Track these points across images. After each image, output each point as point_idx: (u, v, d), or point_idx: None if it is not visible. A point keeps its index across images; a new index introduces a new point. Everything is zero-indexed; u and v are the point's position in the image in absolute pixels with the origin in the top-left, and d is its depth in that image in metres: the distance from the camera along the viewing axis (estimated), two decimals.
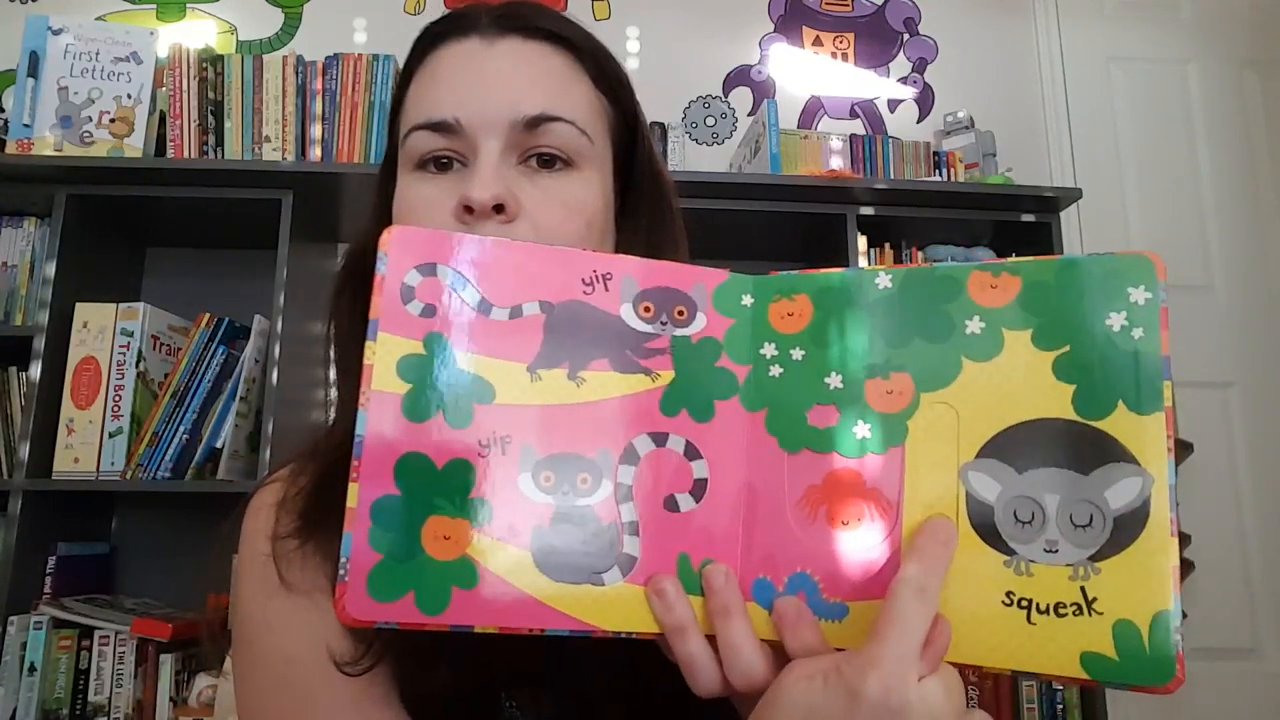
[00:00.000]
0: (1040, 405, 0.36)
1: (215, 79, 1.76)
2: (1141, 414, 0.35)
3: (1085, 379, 0.36)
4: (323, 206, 1.75)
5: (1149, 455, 0.35)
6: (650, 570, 0.38)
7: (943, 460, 0.37)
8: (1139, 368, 0.36)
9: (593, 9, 2.18)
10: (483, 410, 0.38)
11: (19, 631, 1.45)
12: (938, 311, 0.39)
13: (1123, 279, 0.37)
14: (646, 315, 0.41)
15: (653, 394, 0.40)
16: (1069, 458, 0.36)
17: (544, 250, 0.41)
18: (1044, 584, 0.35)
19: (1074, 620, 0.35)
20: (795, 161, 1.95)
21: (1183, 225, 2.21)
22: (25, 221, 1.75)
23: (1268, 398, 2.14)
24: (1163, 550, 0.34)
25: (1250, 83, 2.32)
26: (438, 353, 0.38)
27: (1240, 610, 2.04)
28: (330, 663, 0.47)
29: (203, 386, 1.59)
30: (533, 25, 0.53)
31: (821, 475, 0.38)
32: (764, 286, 0.42)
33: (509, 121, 0.50)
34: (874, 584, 0.37)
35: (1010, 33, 2.29)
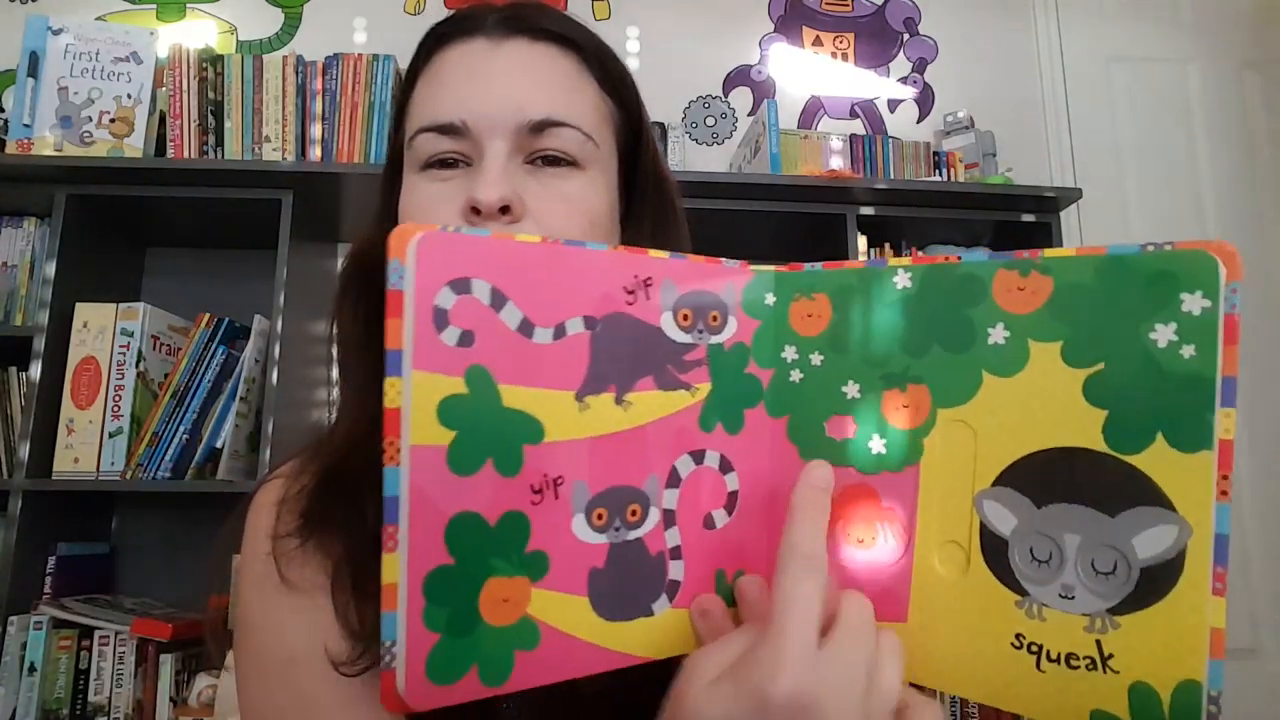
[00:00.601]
0: (1066, 431, 0.32)
1: (215, 79, 1.76)
2: (1184, 451, 0.30)
3: (1120, 404, 0.31)
4: (323, 206, 1.76)
5: (1189, 501, 0.30)
6: (692, 591, 0.37)
7: (958, 484, 0.34)
8: (1186, 395, 0.30)
9: (593, 9, 2.18)
10: (532, 451, 0.34)
11: (19, 631, 1.45)
12: (959, 316, 0.35)
13: (1176, 282, 0.32)
14: (685, 324, 0.38)
15: (692, 410, 0.38)
16: (1094, 495, 0.32)
17: (587, 254, 0.36)
18: (1056, 631, 0.32)
19: (1086, 675, 0.31)
20: (795, 161, 1.95)
21: (1183, 225, 2.21)
22: (25, 221, 1.75)
23: (1268, 398, 2.14)
24: (1196, 611, 0.30)
25: (1250, 82, 2.32)
26: (481, 390, 0.32)
27: (1240, 610, 2.04)
28: (329, 662, 0.47)
29: (203, 386, 1.59)
30: (539, 27, 0.53)
31: (838, 489, 0.37)
32: (785, 284, 0.40)
33: (515, 124, 0.51)
34: (886, 605, 0.36)
35: (1010, 33, 2.29)
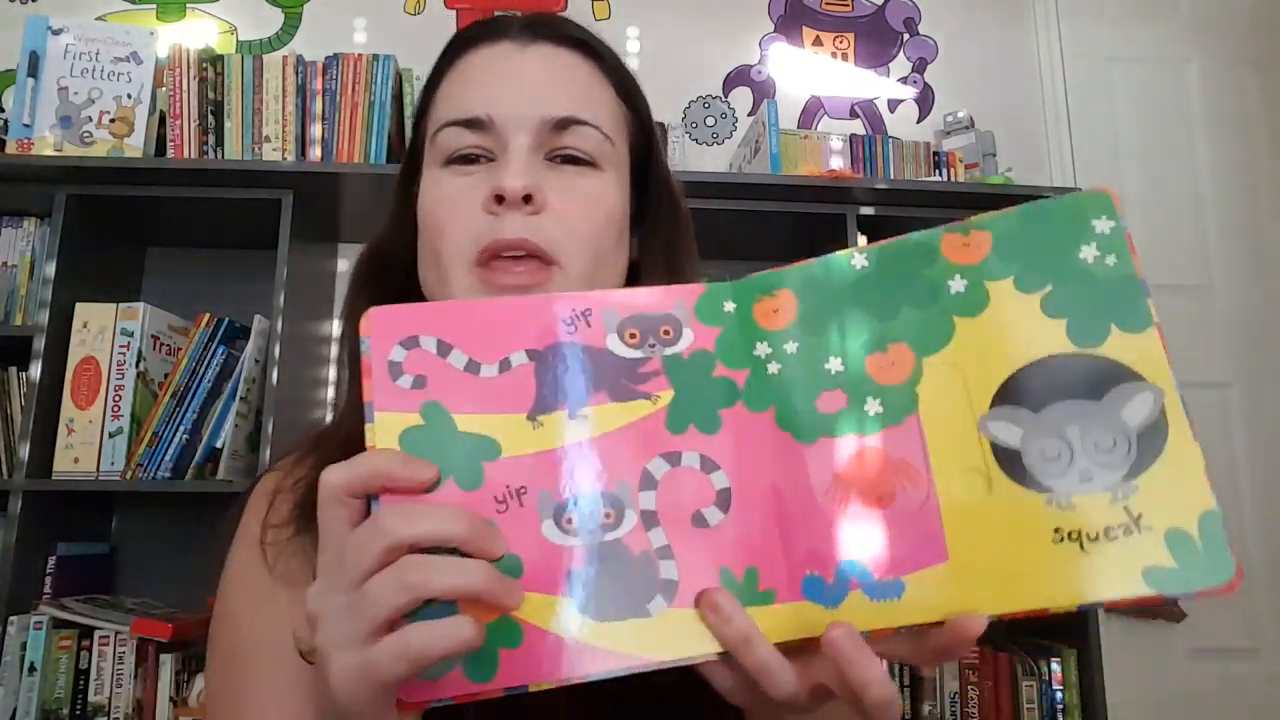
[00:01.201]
0: (1039, 344, 0.37)
1: (215, 79, 1.76)
2: (1135, 333, 0.37)
3: (1074, 311, 0.37)
4: (323, 206, 1.76)
5: (1153, 370, 0.36)
6: (692, 590, 0.38)
7: (959, 417, 0.37)
8: (1121, 291, 0.37)
9: (593, 9, 2.18)
10: (491, 467, 0.37)
11: (19, 631, 1.45)
12: (919, 278, 0.39)
13: (1085, 214, 0.39)
14: (633, 341, 0.41)
15: (656, 416, 0.40)
16: (1079, 387, 0.36)
17: (519, 301, 0.41)
18: (1088, 513, 0.35)
19: (1126, 540, 0.35)
20: (795, 161, 1.95)
21: (1182, 225, 2.21)
22: (25, 221, 1.75)
23: (1267, 398, 2.14)
24: (1191, 455, 0.35)
25: (1250, 82, 2.32)
26: (436, 420, 0.37)
27: (1240, 610, 2.04)
28: (294, 650, 0.48)
29: (203, 386, 1.59)
30: (562, 34, 0.56)
31: (844, 459, 0.38)
32: (743, 290, 0.42)
33: (539, 120, 0.53)
34: (923, 552, 0.37)
35: (1010, 33, 2.29)
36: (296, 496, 0.54)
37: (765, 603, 0.38)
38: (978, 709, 1.65)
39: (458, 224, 0.52)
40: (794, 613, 0.38)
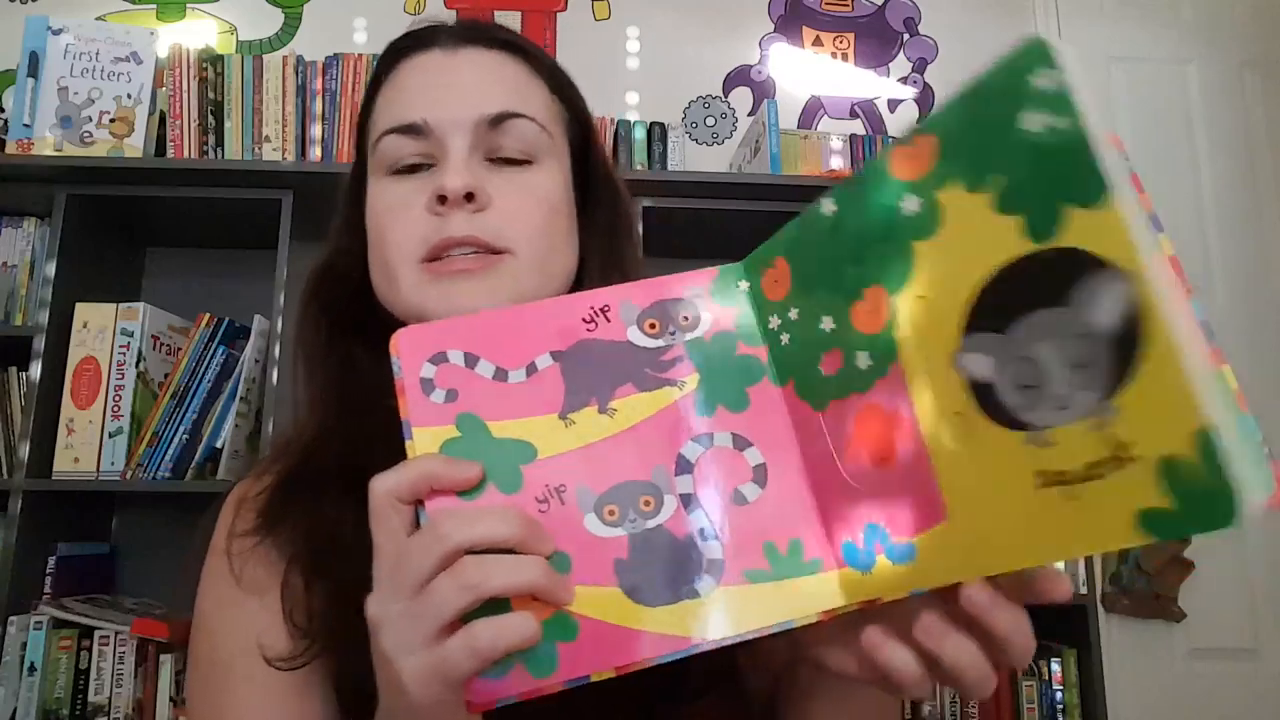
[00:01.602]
0: (997, 251, 0.31)
1: (215, 79, 1.76)
2: (1091, 206, 0.30)
3: (1027, 200, 0.31)
4: (323, 206, 1.73)
5: (1115, 246, 0.29)
6: (739, 566, 0.38)
7: (935, 355, 0.34)
8: (1070, 157, 0.30)
9: (593, 9, 2.18)
10: (530, 469, 0.38)
11: (19, 631, 1.45)
12: (875, 206, 0.36)
13: (1019, 73, 0.31)
14: (653, 331, 0.42)
15: (685, 401, 0.41)
16: (1043, 294, 0.30)
17: (539, 306, 0.42)
18: (1068, 448, 0.29)
19: (1115, 477, 0.28)
20: (795, 161, 1.95)
21: (1183, 225, 2.21)
22: (25, 221, 1.75)
23: (1267, 398, 2.13)
24: (1174, 354, 0.28)
25: (1250, 83, 2.32)
26: (472, 430, 0.39)
27: (1240, 610, 2.04)
28: (261, 659, 0.49)
29: (203, 386, 1.59)
30: (490, 37, 0.58)
31: (851, 420, 0.38)
32: (752, 266, 0.43)
33: (474, 120, 0.54)
34: (925, 511, 0.34)
35: (1010, 33, 2.28)
36: (260, 504, 0.54)
37: (814, 572, 0.38)
38: (978, 709, 1.65)
39: (403, 227, 0.53)
40: (842, 579, 0.38)
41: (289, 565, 0.52)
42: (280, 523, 0.53)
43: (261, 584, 0.52)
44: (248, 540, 0.53)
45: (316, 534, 0.52)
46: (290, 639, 0.50)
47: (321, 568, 0.51)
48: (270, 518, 0.53)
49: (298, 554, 0.52)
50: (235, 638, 0.52)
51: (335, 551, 0.50)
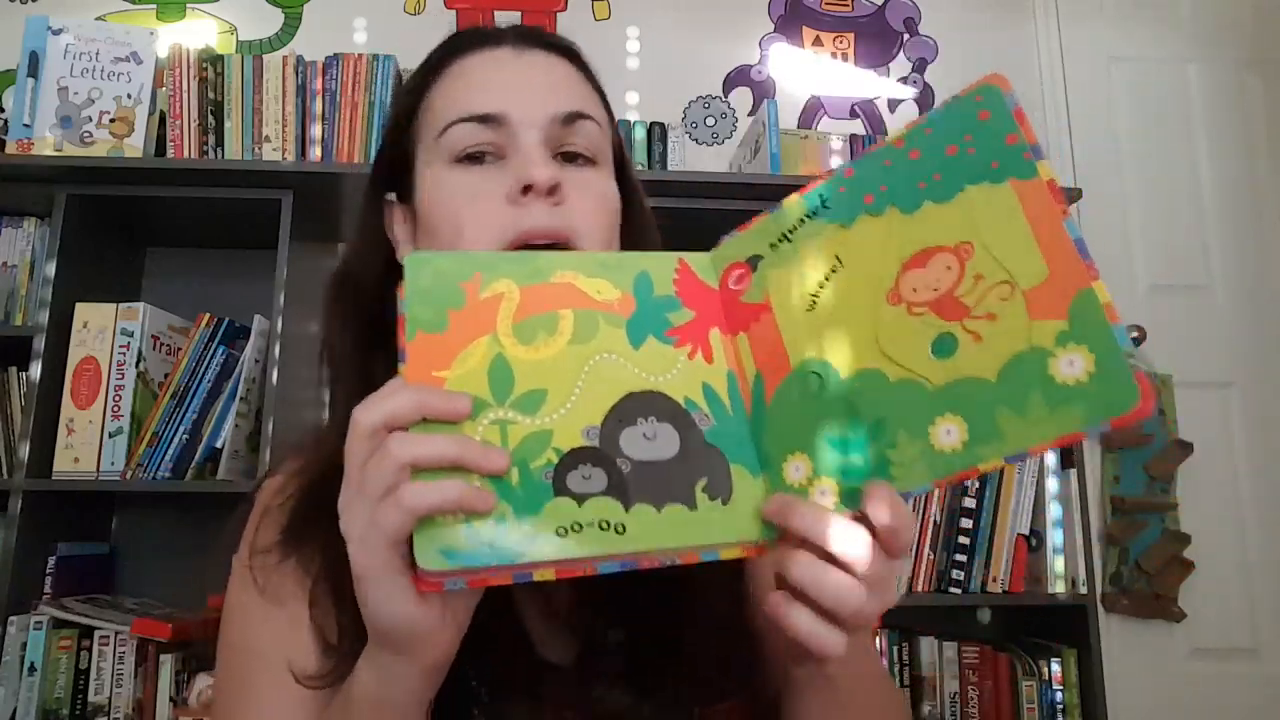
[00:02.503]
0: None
1: (215, 79, 1.76)
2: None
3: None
4: (323, 206, 1.75)
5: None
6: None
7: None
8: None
9: (593, 9, 2.18)
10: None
11: (19, 631, 1.45)
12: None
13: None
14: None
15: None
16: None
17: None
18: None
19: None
20: (795, 161, 1.94)
21: (1183, 225, 2.21)
22: (25, 221, 1.75)
23: (1268, 398, 2.13)
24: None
25: (1250, 83, 2.32)
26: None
27: (1240, 610, 2.04)
28: (286, 670, 0.50)
29: (203, 386, 1.59)
30: (553, 43, 0.60)
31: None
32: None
33: (549, 116, 0.55)
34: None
35: (1010, 33, 2.29)
36: (282, 520, 0.56)
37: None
38: (978, 709, 1.65)
39: (480, 217, 0.53)
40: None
41: (315, 583, 0.53)
42: (302, 541, 0.54)
43: (283, 597, 0.53)
44: (271, 556, 0.54)
45: (336, 553, 0.51)
46: (321, 657, 0.51)
47: (344, 587, 0.50)
48: (292, 534, 0.55)
49: (321, 574, 0.53)
50: (262, 646, 0.53)
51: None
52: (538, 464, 0.39)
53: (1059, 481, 1.68)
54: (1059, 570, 1.65)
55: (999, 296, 0.37)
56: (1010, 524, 1.65)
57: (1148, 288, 2.16)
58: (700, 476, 0.41)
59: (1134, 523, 1.99)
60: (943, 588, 1.62)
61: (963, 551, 1.63)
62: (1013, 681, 1.65)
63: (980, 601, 1.65)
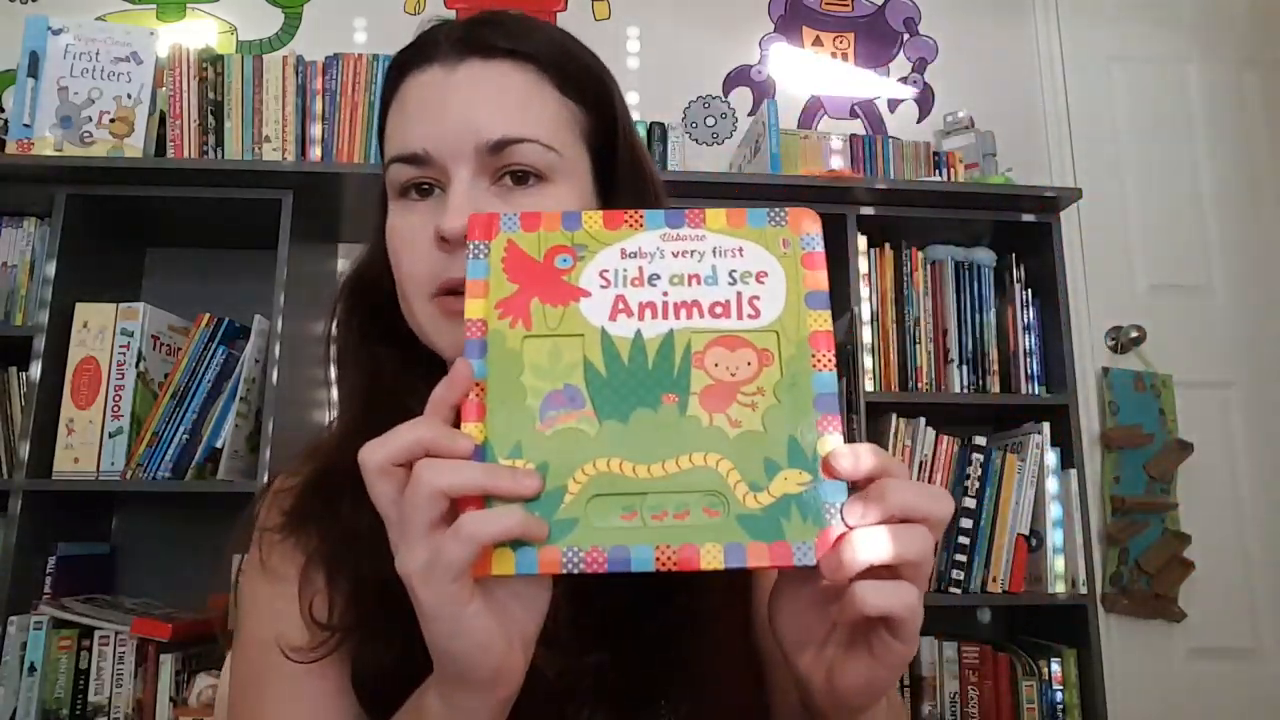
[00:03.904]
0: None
1: (215, 79, 1.76)
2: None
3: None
4: (323, 206, 1.75)
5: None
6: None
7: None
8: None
9: (593, 9, 2.18)
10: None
11: (19, 631, 1.45)
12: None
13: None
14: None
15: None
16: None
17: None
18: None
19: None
20: (795, 161, 1.95)
21: (1183, 225, 2.21)
22: (25, 221, 1.75)
23: (1268, 398, 2.13)
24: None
25: (1250, 83, 2.32)
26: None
27: (1240, 610, 2.04)
28: (297, 648, 0.52)
29: (203, 386, 1.59)
30: (490, 44, 0.55)
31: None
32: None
33: (473, 147, 0.53)
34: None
35: (1010, 33, 2.29)
36: (288, 503, 0.58)
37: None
38: (978, 709, 1.65)
39: (413, 260, 0.55)
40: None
41: (308, 561, 0.54)
42: (304, 523, 0.56)
43: (283, 574, 0.55)
44: (275, 535, 0.56)
45: (335, 533, 0.54)
46: (306, 631, 0.52)
47: (339, 564, 0.53)
48: (295, 517, 0.56)
49: (316, 551, 0.55)
50: (260, 623, 0.55)
51: (352, 549, 0.53)
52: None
53: (1059, 481, 1.68)
54: (1059, 570, 1.65)
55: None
56: (1010, 524, 1.65)
57: (1148, 288, 2.16)
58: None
59: (1134, 523, 1.99)
60: (943, 588, 1.62)
61: (963, 551, 1.63)
62: (1013, 681, 1.65)
63: (980, 601, 1.65)
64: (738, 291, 0.42)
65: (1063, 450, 1.70)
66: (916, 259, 1.82)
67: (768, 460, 0.39)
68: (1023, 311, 1.81)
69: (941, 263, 1.83)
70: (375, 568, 0.52)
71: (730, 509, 0.38)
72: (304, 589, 0.53)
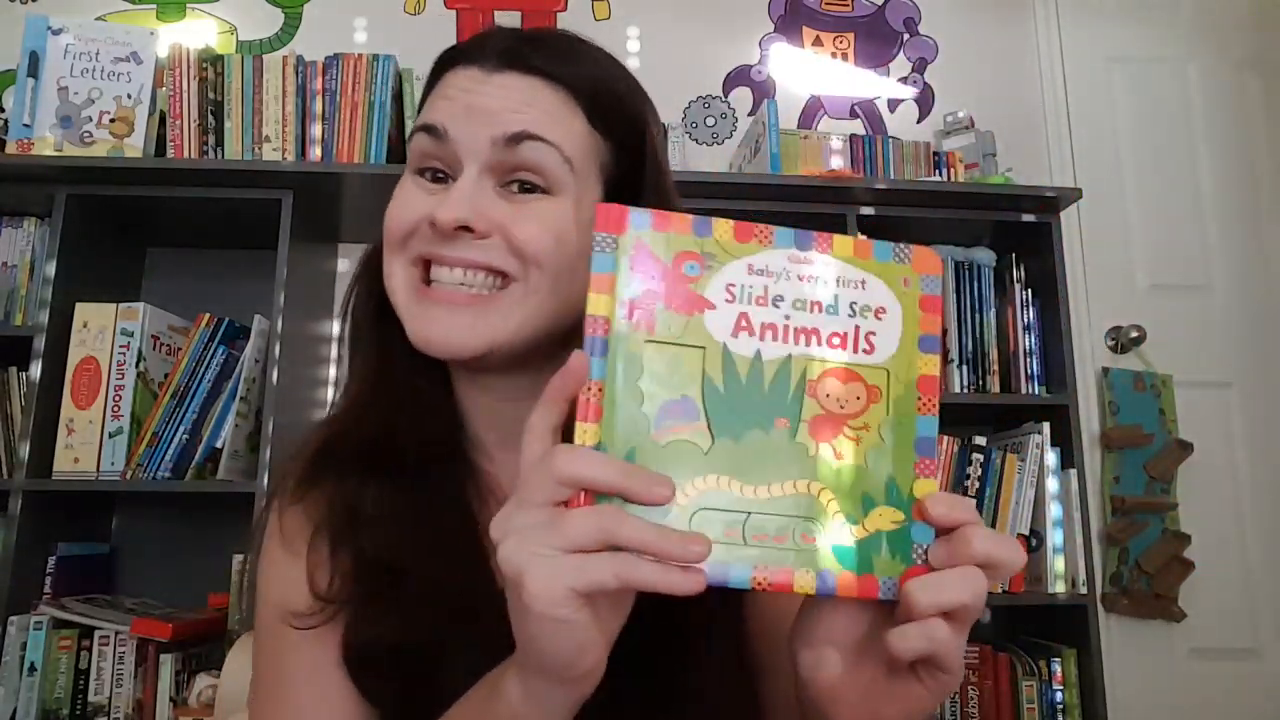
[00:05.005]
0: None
1: (215, 79, 1.76)
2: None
3: None
4: (323, 206, 1.75)
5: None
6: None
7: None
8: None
9: (593, 9, 2.18)
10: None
11: (19, 631, 1.45)
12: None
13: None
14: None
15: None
16: None
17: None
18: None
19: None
20: (795, 161, 1.95)
21: (1182, 225, 2.21)
22: (25, 221, 1.75)
23: (1267, 398, 2.14)
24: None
25: (1250, 83, 2.32)
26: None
27: (1240, 610, 2.04)
28: (299, 614, 0.54)
29: (203, 386, 1.59)
30: (531, 64, 0.57)
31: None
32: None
33: (489, 139, 0.54)
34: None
35: (1010, 33, 2.29)
36: (297, 472, 0.60)
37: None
38: (978, 709, 1.65)
39: (401, 223, 0.56)
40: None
41: (314, 532, 0.56)
42: (311, 490, 0.58)
43: (294, 541, 0.57)
44: (288, 502, 0.59)
45: (339, 505, 0.56)
46: (308, 598, 0.54)
47: (343, 536, 0.55)
48: (305, 485, 0.58)
49: (322, 523, 0.56)
50: (270, 588, 0.58)
51: (355, 524, 0.55)
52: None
53: (1059, 481, 1.68)
54: (1059, 570, 1.65)
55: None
56: (1010, 524, 1.65)
57: (1148, 288, 2.16)
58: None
59: (1134, 523, 1.99)
60: None
61: None
62: (1013, 681, 1.65)
63: None
64: (856, 325, 0.42)
65: (1063, 450, 1.70)
66: None
67: (865, 495, 0.40)
68: (1023, 311, 1.81)
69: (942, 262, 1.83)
70: (375, 544, 0.54)
71: (826, 537, 0.39)
72: (311, 557, 0.56)
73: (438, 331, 0.54)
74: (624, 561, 0.36)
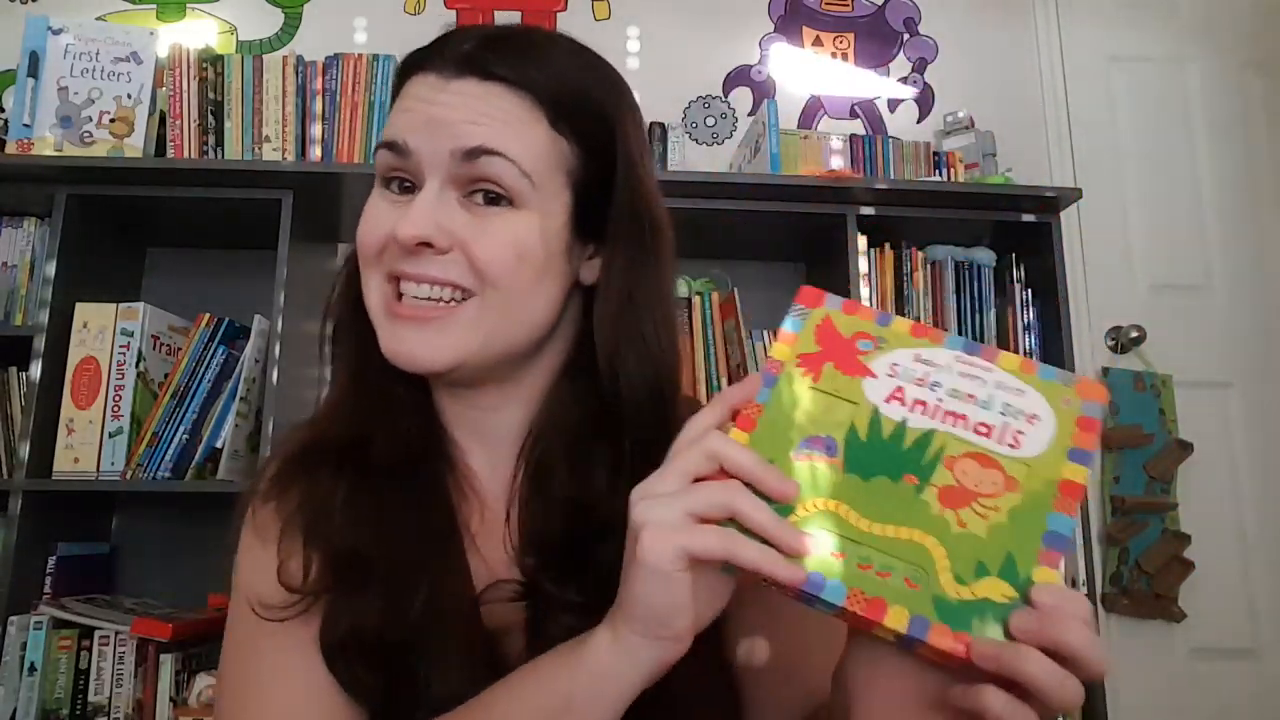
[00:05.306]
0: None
1: (215, 79, 1.76)
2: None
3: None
4: (323, 206, 1.75)
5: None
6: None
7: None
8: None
9: (593, 9, 2.18)
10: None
11: (19, 631, 1.45)
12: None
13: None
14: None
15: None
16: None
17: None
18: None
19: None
20: (795, 161, 1.95)
21: (1182, 225, 2.21)
22: (25, 221, 1.75)
23: (1268, 398, 2.13)
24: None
25: (1250, 83, 2.32)
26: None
27: (1240, 610, 2.04)
28: (268, 606, 0.54)
29: (203, 386, 1.59)
30: (488, 69, 0.56)
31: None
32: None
33: (448, 152, 0.54)
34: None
35: (1010, 32, 2.29)
36: (275, 469, 0.61)
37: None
38: None
39: (371, 239, 0.58)
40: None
41: (285, 525, 0.57)
42: (286, 487, 0.59)
43: (266, 534, 0.58)
44: (261, 498, 0.60)
45: (313, 500, 0.58)
46: (278, 591, 0.55)
47: (314, 531, 0.56)
48: (279, 481, 0.60)
49: (295, 514, 0.57)
50: (246, 582, 0.58)
51: (326, 517, 0.56)
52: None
53: None
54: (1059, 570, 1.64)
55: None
56: None
57: (1148, 288, 2.16)
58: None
59: (1134, 523, 1.99)
60: None
61: None
62: None
63: None
64: (1006, 422, 0.43)
65: None
66: (916, 259, 1.82)
67: (980, 563, 0.40)
68: (1023, 311, 1.81)
69: (941, 263, 1.83)
70: (346, 537, 0.56)
71: (929, 587, 0.39)
72: (279, 552, 0.56)
73: (405, 349, 0.56)
74: (734, 537, 0.40)
